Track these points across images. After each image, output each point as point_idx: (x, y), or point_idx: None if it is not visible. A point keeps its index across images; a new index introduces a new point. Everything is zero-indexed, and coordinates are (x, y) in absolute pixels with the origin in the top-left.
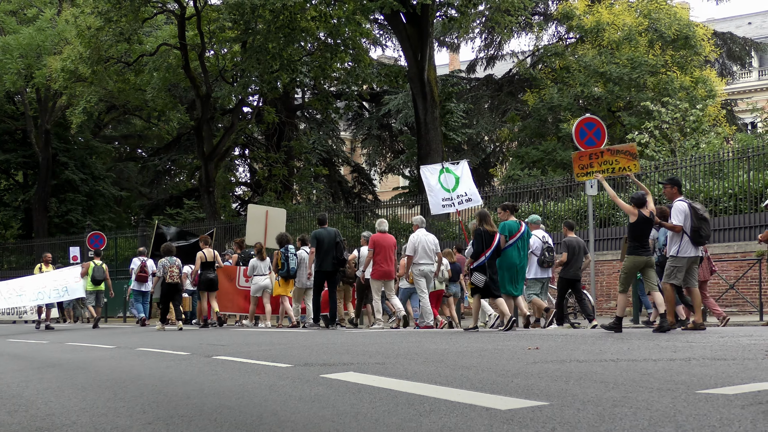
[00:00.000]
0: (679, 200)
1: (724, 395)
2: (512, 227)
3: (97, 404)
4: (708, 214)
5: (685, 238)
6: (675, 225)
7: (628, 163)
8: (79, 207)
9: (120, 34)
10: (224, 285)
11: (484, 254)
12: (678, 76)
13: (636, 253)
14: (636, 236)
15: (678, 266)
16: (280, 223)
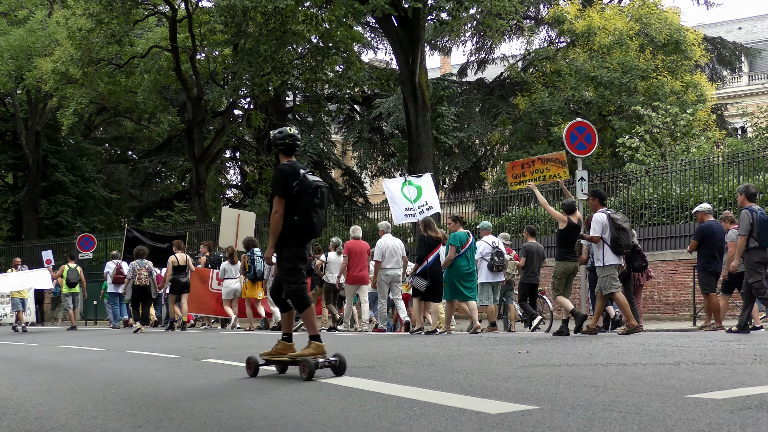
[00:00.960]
0: (599, 212)
1: (713, 400)
2: (462, 238)
3: (87, 407)
4: (628, 224)
5: (606, 248)
6: (593, 236)
7: (558, 171)
8: (69, 209)
9: (111, 36)
10: (197, 288)
11: (427, 259)
12: (668, 81)
13: (566, 259)
14: (565, 242)
15: (609, 274)
16: (250, 227)
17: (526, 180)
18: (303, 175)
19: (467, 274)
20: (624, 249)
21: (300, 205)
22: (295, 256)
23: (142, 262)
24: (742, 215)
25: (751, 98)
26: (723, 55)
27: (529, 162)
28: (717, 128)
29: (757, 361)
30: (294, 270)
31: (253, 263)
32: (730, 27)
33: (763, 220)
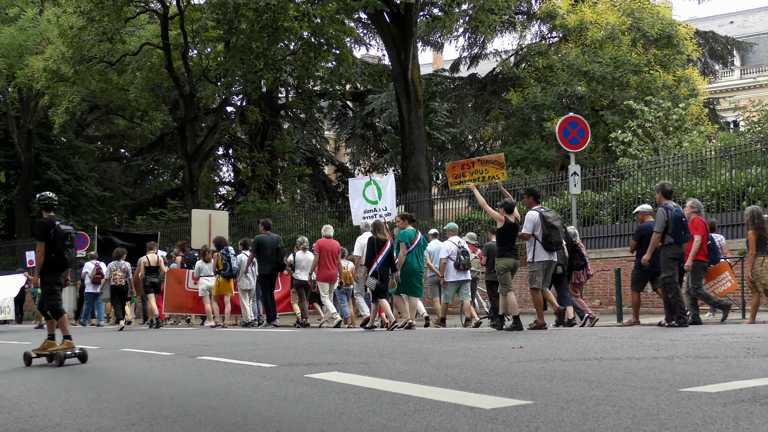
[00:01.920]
0: (532, 210)
1: (706, 393)
2: (410, 235)
3: (81, 405)
4: (559, 222)
5: (537, 245)
6: (523, 233)
7: (496, 172)
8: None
9: (102, 33)
10: (174, 287)
11: (376, 260)
12: (661, 75)
13: (505, 256)
14: (504, 240)
15: (536, 270)
16: (223, 226)
17: (466, 180)
18: (57, 225)
19: (416, 270)
20: (554, 246)
21: (56, 246)
22: (53, 281)
23: (119, 263)
24: (658, 213)
25: (743, 92)
26: (715, 49)
27: (469, 163)
28: (709, 122)
29: (750, 354)
30: (52, 291)
31: (228, 261)
32: (721, 21)
33: (677, 218)
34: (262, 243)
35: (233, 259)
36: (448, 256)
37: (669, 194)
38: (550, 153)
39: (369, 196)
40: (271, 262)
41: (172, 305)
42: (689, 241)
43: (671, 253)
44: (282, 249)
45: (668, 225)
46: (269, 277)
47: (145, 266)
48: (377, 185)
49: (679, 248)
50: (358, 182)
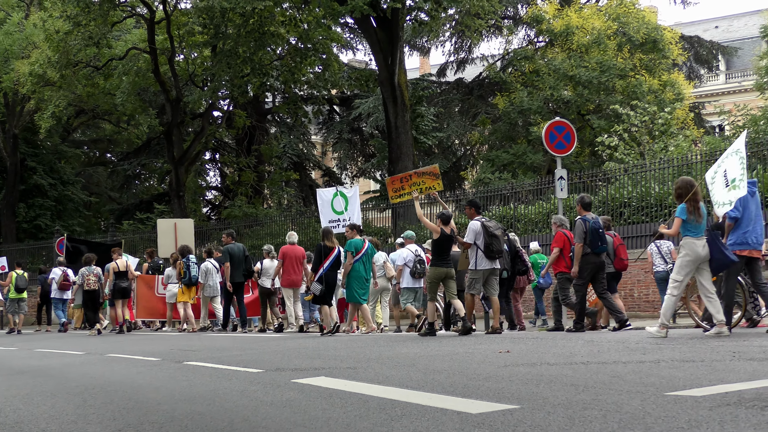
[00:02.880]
0: (474, 219)
1: (692, 397)
2: (357, 244)
3: (67, 411)
4: (500, 231)
5: (479, 253)
6: (465, 242)
7: (432, 183)
8: (48, 212)
9: (89, 38)
10: (145, 293)
11: (322, 266)
12: (646, 80)
13: (438, 265)
14: (438, 251)
15: (476, 278)
16: (188, 234)
17: (406, 193)
18: None
19: (362, 278)
20: (496, 254)
21: None
22: None
23: (90, 269)
24: (576, 224)
25: (728, 96)
26: (700, 53)
27: (407, 176)
28: (695, 126)
29: (736, 358)
30: None
31: (188, 269)
32: (707, 26)
33: (594, 229)
34: (232, 253)
35: (193, 267)
36: (405, 264)
37: (588, 206)
38: (536, 157)
39: (336, 207)
40: (242, 270)
41: (145, 311)
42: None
43: (587, 262)
44: (249, 257)
45: (586, 235)
46: (241, 285)
47: (115, 271)
48: (344, 196)
49: (596, 257)
50: (326, 193)
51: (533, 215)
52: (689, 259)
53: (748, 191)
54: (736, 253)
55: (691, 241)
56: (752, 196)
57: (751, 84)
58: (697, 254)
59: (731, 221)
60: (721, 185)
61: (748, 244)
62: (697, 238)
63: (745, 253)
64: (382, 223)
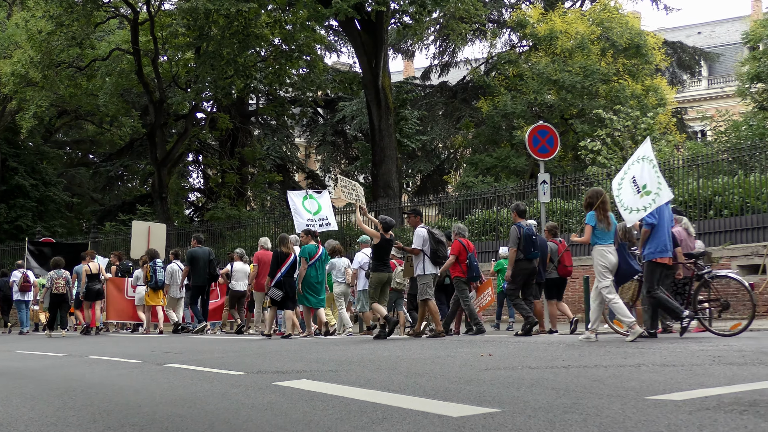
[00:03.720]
0: (420, 227)
1: (672, 401)
2: (311, 249)
3: (46, 414)
4: (444, 238)
5: (426, 259)
6: (414, 249)
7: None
8: (30, 213)
9: (72, 38)
10: (115, 296)
11: (279, 271)
12: (629, 84)
13: (379, 270)
14: (379, 256)
15: (426, 282)
16: (161, 238)
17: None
18: None
19: (315, 283)
20: (441, 260)
21: None
22: None
23: (59, 272)
24: (511, 231)
25: (711, 102)
26: (683, 59)
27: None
28: (677, 131)
29: (715, 362)
30: None
31: (155, 273)
32: (689, 32)
33: (528, 236)
34: (195, 256)
35: (159, 271)
36: (360, 266)
37: (523, 213)
38: (519, 161)
39: (309, 207)
40: (205, 274)
41: (115, 313)
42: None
43: (520, 268)
44: (214, 261)
45: (520, 241)
46: (202, 288)
47: (87, 274)
48: (315, 199)
49: (529, 264)
50: (297, 195)
51: None
52: (604, 264)
53: None
54: (656, 260)
55: (601, 248)
56: (666, 205)
57: (733, 90)
58: (609, 260)
59: (648, 227)
60: (631, 192)
61: (666, 251)
62: (606, 245)
63: (665, 260)
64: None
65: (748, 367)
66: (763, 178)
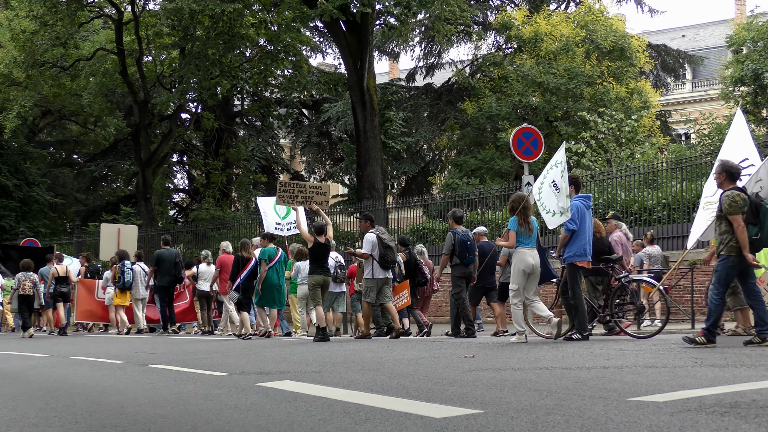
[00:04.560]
0: (370, 232)
1: (654, 402)
2: (271, 253)
3: (28, 415)
4: (394, 243)
5: (375, 264)
6: (364, 253)
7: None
8: (13, 213)
9: (56, 38)
10: (84, 297)
11: (240, 276)
12: (614, 87)
13: (315, 273)
14: (314, 259)
15: (370, 286)
16: (132, 240)
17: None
18: None
19: (275, 285)
20: (390, 264)
21: None
22: None
23: (27, 274)
24: (447, 237)
25: (694, 105)
26: (667, 62)
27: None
28: (661, 134)
29: (697, 364)
30: None
31: (123, 274)
32: (674, 35)
33: (464, 242)
34: (161, 257)
35: (128, 272)
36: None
37: (459, 220)
38: (504, 163)
39: (279, 211)
40: (170, 275)
41: (84, 314)
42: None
43: (458, 272)
44: (180, 263)
45: (455, 248)
46: (167, 289)
47: (55, 276)
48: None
49: (465, 268)
50: (266, 201)
51: (500, 221)
52: (521, 268)
53: (585, 205)
54: (576, 264)
55: (522, 251)
56: (587, 210)
57: (717, 93)
58: (527, 264)
59: (568, 233)
60: (552, 195)
61: (586, 255)
62: (528, 249)
63: (584, 264)
64: (351, 227)
65: (729, 369)
66: None
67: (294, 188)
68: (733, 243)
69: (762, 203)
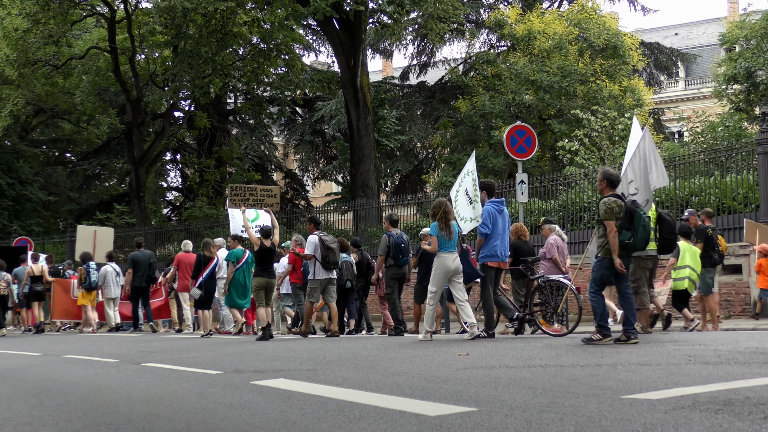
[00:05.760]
0: (312, 234)
1: (648, 400)
2: (238, 254)
3: (22, 413)
4: (336, 245)
5: (317, 264)
6: (307, 255)
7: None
8: (6, 212)
9: (48, 36)
10: (61, 296)
11: (202, 274)
12: (607, 85)
13: (260, 275)
14: (259, 262)
15: (314, 287)
16: (108, 241)
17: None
18: None
19: (241, 286)
20: (332, 265)
21: None
22: None
23: (0, 274)
24: (382, 239)
25: (687, 103)
26: (660, 60)
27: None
28: (654, 132)
29: (691, 361)
30: None
31: (89, 274)
32: (666, 33)
33: (397, 244)
34: (136, 259)
35: (93, 273)
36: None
37: (395, 223)
38: (497, 161)
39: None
40: (144, 277)
41: (60, 312)
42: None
43: (391, 273)
44: (155, 264)
45: (390, 249)
46: (143, 290)
47: (30, 276)
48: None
49: (398, 269)
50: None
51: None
52: (440, 272)
53: (497, 209)
54: (488, 264)
55: (442, 255)
56: (500, 214)
57: (710, 91)
58: (447, 267)
59: (482, 237)
60: (465, 202)
61: (497, 256)
62: (448, 253)
63: (494, 264)
64: (344, 225)
65: (723, 367)
66: (740, 178)
67: (245, 191)
68: (608, 246)
69: (636, 209)
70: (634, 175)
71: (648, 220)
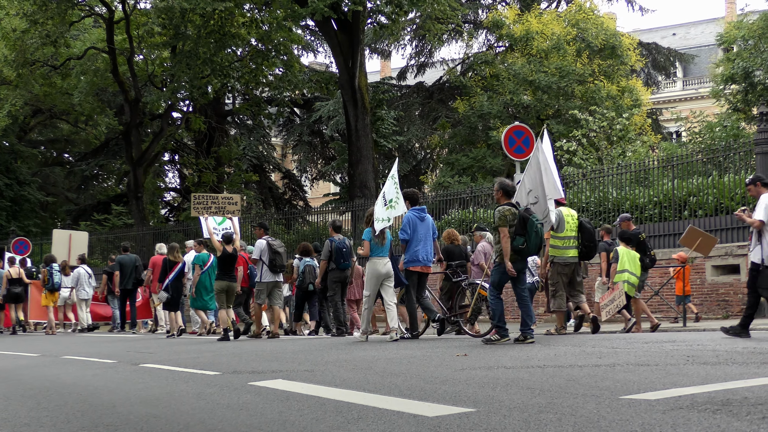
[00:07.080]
0: (261, 239)
1: (646, 400)
2: (204, 258)
3: (20, 414)
4: (283, 249)
5: (264, 268)
6: (256, 259)
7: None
8: (4, 212)
9: (46, 36)
10: (37, 297)
11: (168, 277)
12: (605, 85)
13: (221, 279)
14: (221, 266)
15: (261, 289)
16: (82, 245)
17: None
18: None
19: (207, 288)
20: (279, 269)
21: None
22: None
23: None
24: (325, 244)
25: (685, 103)
26: (658, 60)
27: (214, 197)
28: (652, 132)
29: (689, 362)
30: None
31: (51, 276)
32: (664, 33)
33: (339, 248)
34: (122, 263)
35: (56, 274)
36: None
37: (338, 229)
38: (496, 161)
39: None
40: (131, 279)
41: (37, 313)
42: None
43: (334, 277)
44: (140, 266)
45: (332, 254)
46: (128, 292)
47: (8, 278)
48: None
49: (341, 273)
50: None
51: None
52: (371, 276)
53: (418, 216)
54: (410, 269)
55: (374, 261)
56: (422, 221)
57: (708, 91)
58: (378, 272)
59: (403, 243)
60: (381, 204)
61: (419, 261)
62: (379, 258)
63: (417, 269)
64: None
65: (721, 367)
66: (737, 178)
67: (207, 200)
68: None
69: (529, 217)
70: (532, 184)
71: (540, 227)
